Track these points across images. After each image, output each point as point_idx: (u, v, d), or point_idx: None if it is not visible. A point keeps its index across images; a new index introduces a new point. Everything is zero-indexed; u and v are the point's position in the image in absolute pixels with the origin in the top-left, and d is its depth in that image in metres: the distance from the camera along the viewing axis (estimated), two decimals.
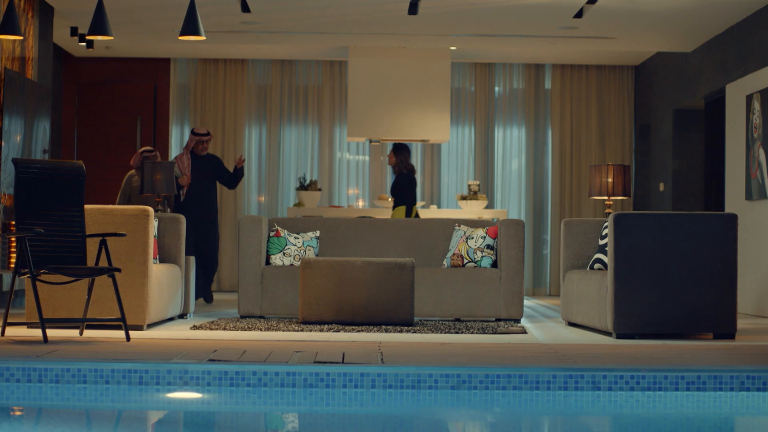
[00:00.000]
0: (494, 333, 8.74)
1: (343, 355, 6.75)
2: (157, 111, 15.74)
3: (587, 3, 11.56)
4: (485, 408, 5.85)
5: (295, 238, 10.26)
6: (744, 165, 11.88)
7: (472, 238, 10.16)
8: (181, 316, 9.87)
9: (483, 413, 5.81)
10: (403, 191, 13.14)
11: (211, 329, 8.65)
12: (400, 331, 8.76)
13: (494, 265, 10.15)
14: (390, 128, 14.64)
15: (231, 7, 11.95)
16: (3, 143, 10.58)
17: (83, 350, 6.91)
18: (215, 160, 12.56)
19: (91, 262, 8.21)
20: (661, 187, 14.78)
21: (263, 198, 15.79)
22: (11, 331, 8.06)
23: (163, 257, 9.56)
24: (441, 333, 8.68)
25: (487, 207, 15.24)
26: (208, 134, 12.46)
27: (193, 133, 12.47)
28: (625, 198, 13.26)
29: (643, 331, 8.44)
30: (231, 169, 14.93)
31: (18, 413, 5.62)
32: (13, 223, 10.46)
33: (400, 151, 13.23)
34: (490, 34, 13.54)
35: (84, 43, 13.93)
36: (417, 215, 13.35)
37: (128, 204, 12.06)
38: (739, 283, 11.13)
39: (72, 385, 5.95)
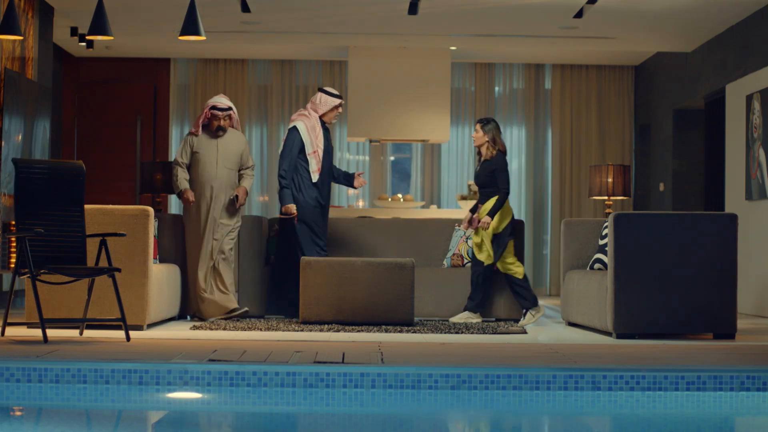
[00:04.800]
0: (494, 333, 8.74)
1: (343, 355, 6.75)
2: (157, 111, 15.74)
3: (587, 3, 11.55)
4: (485, 408, 5.85)
5: None
6: (744, 165, 11.88)
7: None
8: (181, 316, 9.86)
9: (483, 413, 5.81)
10: (503, 175, 9.71)
11: (211, 329, 8.65)
12: (400, 331, 8.76)
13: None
14: (390, 128, 14.63)
15: (231, 7, 11.95)
16: (3, 143, 10.58)
17: (83, 350, 6.91)
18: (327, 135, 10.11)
19: (91, 262, 8.21)
20: (661, 187, 14.78)
21: (263, 198, 15.78)
22: (11, 331, 8.05)
23: (163, 257, 9.56)
24: (441, 333, 8.68)
25: None
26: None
27: (325, 92, 9.94)
28: (625, 198, 13.25)
29: (643, 331, 8.44)
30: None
31: (18, 413, 5.62)
32: (13, 223, 10.46)
33: (491, 125, 9.81)
34: (490, 34, 13.53)
35: (84, 43, 13.93)
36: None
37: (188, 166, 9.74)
38: (739, 283, 11.11)
39: (72, 385, 5.95)
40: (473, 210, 9.83)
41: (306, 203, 9.81)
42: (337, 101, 9.87)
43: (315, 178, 9.82)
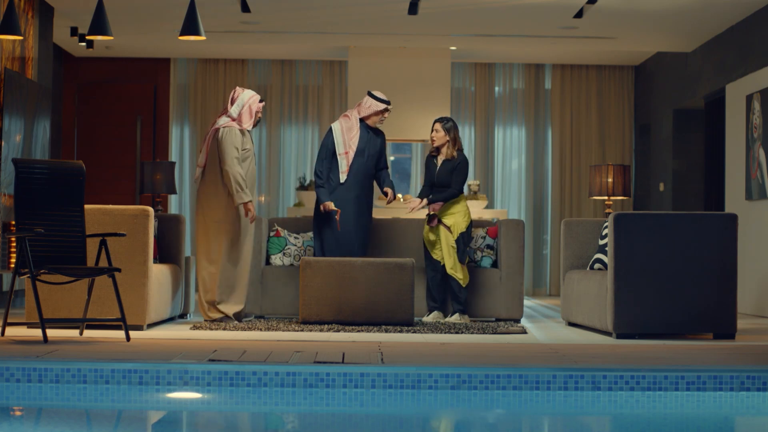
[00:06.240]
0: (494, 333, 8.74)
1: (343, 355, 6.75)
2: (157, 111, 15.74)
3: (587, 3, 11.56)
4: (485, 408, 5.85)
5: (295, 238, 10.26)
6: (744, 165, 11.88)
7: (472, 238, 10.15)
8: (181, 316, 9.87)
9: (483, 413, 5.81)
10: (460, 175, 9.72)
11: (211, 329, 8.65)
12: (400, 331, 8.76)
13: (494, 265, 10.15)
14: (390, 128, 14.61)
15: (231, 7, 11.95)
16: (3, 143, 10.58)
17: (83, 350, 6.91)
18: (382, 136, 10.11)
19: (91, 262, 8.21)
20: (661, 187, 14.78)
21: (263, 198, 15.79)
22: (11, 331, 8.06)
23: (163, 257, 9.56)
24: (441, 333, 8.68)
25: (487, 207, 15.24)
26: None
27: (373, 96, 9.84)
28: (625, 198, 13.25)
29: (643, 331, 8.44)
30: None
31: (18, 413, 5.62)
32: (13, 223, 10.46)
33: (451, 123, 9.81)
34: (490, 34, 13.53)
35: (84, 43, 13.93)
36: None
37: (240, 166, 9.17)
38: (739, 283, 11.12)
39: (72, 385, 5.95)
40: (421, 195, 9.80)
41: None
42: (381, 106, 9.81)
43: (342, 178, 9.75)
